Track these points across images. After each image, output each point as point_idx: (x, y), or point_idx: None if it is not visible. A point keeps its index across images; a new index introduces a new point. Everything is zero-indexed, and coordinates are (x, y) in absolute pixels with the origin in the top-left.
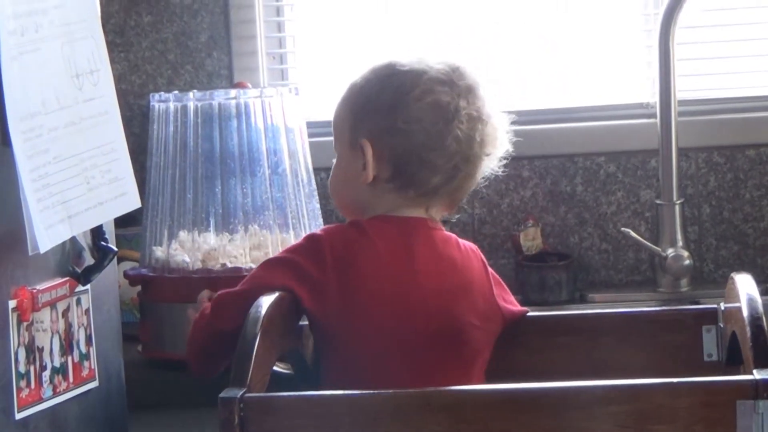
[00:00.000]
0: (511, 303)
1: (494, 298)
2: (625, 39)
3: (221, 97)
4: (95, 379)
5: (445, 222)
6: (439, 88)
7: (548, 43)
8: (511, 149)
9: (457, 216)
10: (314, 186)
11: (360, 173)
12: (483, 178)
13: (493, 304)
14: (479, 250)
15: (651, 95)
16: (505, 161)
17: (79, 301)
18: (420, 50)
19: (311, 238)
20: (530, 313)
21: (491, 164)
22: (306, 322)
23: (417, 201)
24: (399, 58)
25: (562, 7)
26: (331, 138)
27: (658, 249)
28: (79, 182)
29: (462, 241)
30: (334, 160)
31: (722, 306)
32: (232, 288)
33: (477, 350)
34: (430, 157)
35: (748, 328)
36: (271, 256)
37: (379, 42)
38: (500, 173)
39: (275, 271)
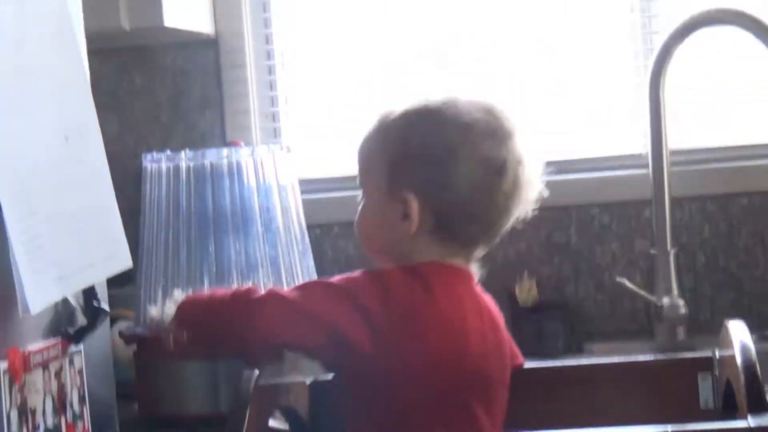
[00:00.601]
0: (516, 354)
1: (514, 352)
2: (616, 91)
3: (213, 156)
4: None
5: None
6: (488, 143)
7: (538, 96)
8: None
9: None
10: (308, 243)
11: (398, 222)
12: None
13: (512, 357)
14: None
15: (643, 146)
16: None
17: (72, 362)
18: (446, 89)
19: (376, 278)
20: (529, 365)
21: (527, 207)
22: (302, 380)
23: (460, 252)
24: (434, 101)
25: (552, 61)
26: (327, 194)
27: (654, 298)
28: (70, 242)
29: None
30: (362, 200)
31: (717, 353)
32: (280, 291)
33: (504, 406)
34: (478, 212)
35: (741, 375)
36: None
37: (371, 97)
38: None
39: (331, 302)
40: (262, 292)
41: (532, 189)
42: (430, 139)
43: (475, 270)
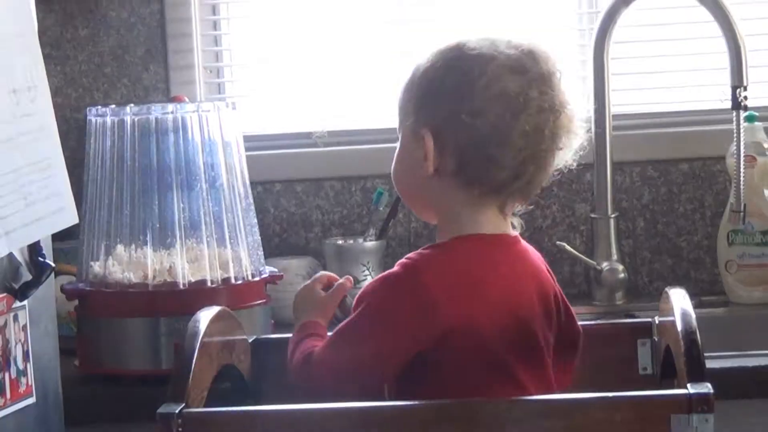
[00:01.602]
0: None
1: (570, 317)
2: (560, 54)
3: (158, 111)
4: (32, 396)
5: None
6: (509, 77)
7: None
8: (585, 141)
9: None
10: (251, 200)
11: (421, 164)
12: (556, 170)
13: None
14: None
15: (586, 110)
16: (580, 153)
17: (16, 318)
18: (492, 33)
19: (416, 295)
20: None
21: (565, 157)
22: (244, 337)
23: (486, 199)
24: (468, 40)
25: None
26: (269, 152)
27: (593, 262)
28: (16, 198)
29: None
30: (397, 146)
31: (656, 320)
32: (336, 353)
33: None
34: (495, 153)
35: (681, 343)
36: (365, 311)
37: (317, 53)
38: (574, 166)
39: (390, 338)
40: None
41: (569, 138)
42: (449, 70)
43: (515, 225)
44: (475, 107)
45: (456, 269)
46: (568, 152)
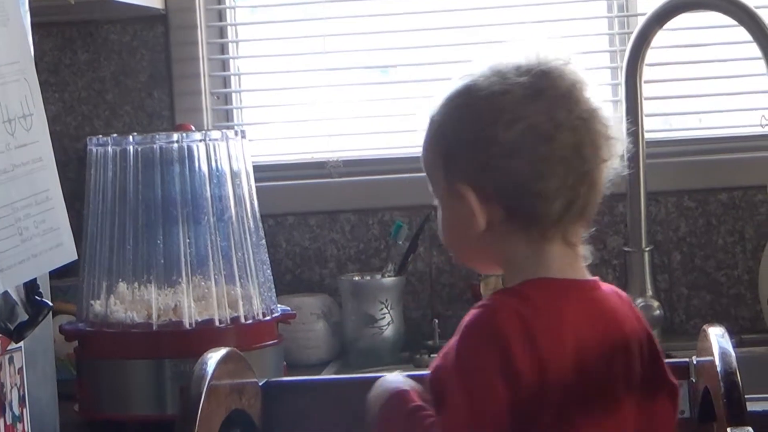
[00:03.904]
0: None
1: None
2: (591, 77)
3: (163, 140)
4: None
5: None
6: (530, 107)
7: None
8: (626, 142)
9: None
10: (262, 234)
11: (469, 221)
12: (609, 182)
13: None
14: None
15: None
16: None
17: (11, 360)
18: (494, 54)
19: (500, 347)
20: None
21: (613, 165)
22: (255, 380)
23: (547, 234)
24: (475, 78)
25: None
26: (280, 183)
27: None
28: (11, 233)
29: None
30: (438, 209)
31: (694, 360)
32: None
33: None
34: (541, 188)
35: (721, 384)
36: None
37: (331, 77)
38: (624, 172)
39: (489, 399)
40: None
41: (610, 146)
42: (465, 118)
43: (585, 255)
44: (505, 150)
45: (524, 315)
46: (615, 160)
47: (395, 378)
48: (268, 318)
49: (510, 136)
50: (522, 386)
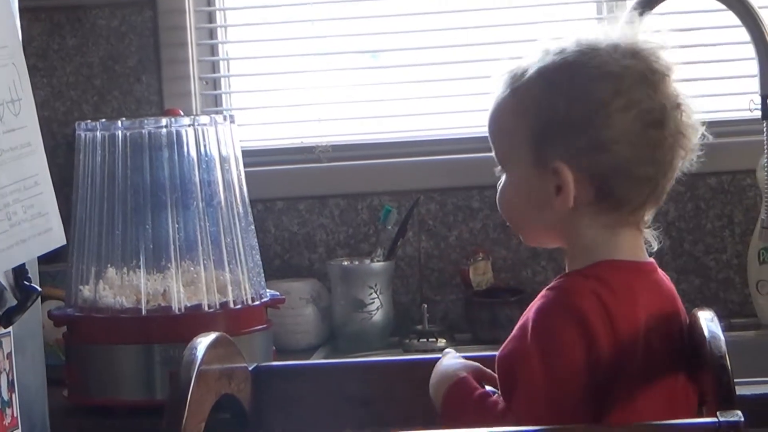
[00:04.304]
0: None
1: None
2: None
3: (151, 125)
4: (18, 428)
5: None
6: (643, 92)
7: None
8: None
9: None
10: (251, 219)
11: (551, 197)
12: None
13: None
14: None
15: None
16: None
17: (0, 345)
18: (588, 29)
19: (583, 328)
20: (482, 353)
21: (692, 155)
22: (244, 365)
23: (629, 219)
24: (570, 52)
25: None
26: (269, 168)
27: None
28: (0, 218)
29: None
30: (502, 176)
31: None
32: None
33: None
34: (641, 172)
35: (710, 368)
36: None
37: (320, 61)
38: (693, 163)
39: (571, 380)
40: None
41: (695, 133)
42: (577, 98)
43: (649, 238)
44: (616, 134)
45: (601, 296)
46: (694, 150)
47: (452, 363)
48: (257, 303)
49: (623, 120)
50: (601, 366)
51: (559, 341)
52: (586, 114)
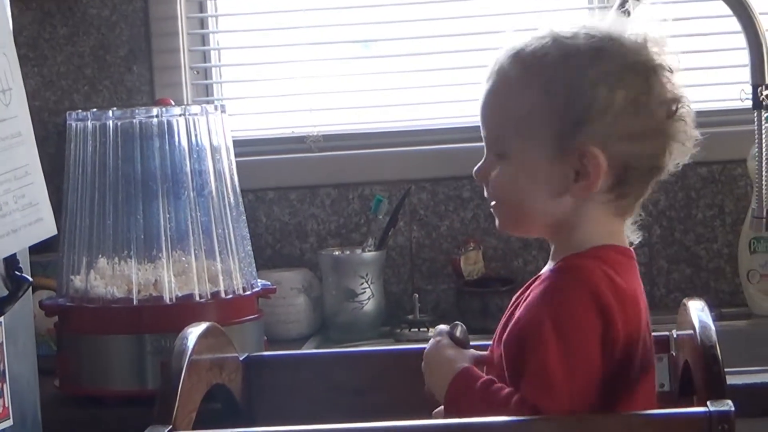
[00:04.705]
0: None
1: None
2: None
3: (142, 115)
4: (9, 418)
5: None
6: (663, 82)
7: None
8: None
9: None
10: (242, 209)
11: (568, 183)
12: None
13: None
14: None
15: None
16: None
17: None
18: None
19: (602, 313)
20: (477, 342)
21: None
22: (235, 355)
23: (627, 209)
24: (596, 34)
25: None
26: (260, 158)
27: None
28: None
29: None
30: (496, 162)
31: (674, 333)
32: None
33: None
34: (660, 163)
35: (701, 358)
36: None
37: (311, 51)
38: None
39: (588, 364)
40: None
41: (692, 126)
42: (618, 85)
43: (630, 228)
44: (652, 124)
45: (612, 277)
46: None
47: (450, 354)
48: (248, 293)
49: (658, 112)
50: (616, 350)
51: (579, 327)
52: (628, 101)
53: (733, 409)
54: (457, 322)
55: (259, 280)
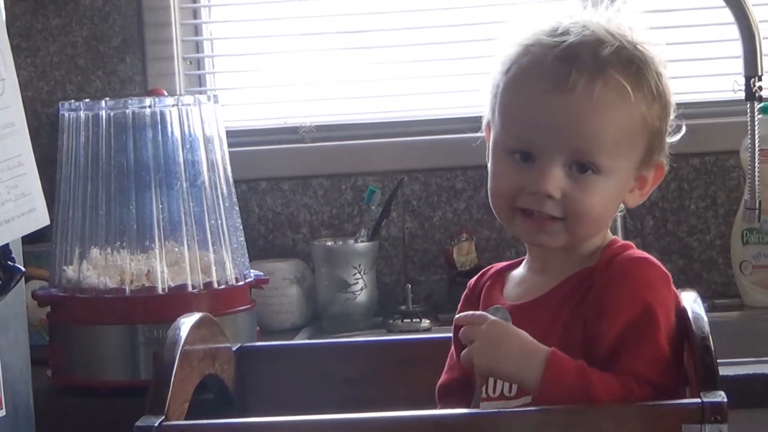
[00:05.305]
0: None
1: None
2: None
3: (135, 105)
4: (2, 408)
5: None
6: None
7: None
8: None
9: None
10: (235, 199)
11: (626, 192)
12: None
13: None
14: None
15: None
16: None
17: None
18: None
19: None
20: None
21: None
22: (228, 345)
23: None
24: (641, 39)
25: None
26: (253, 148)
27: None
28: None
29: None
30: (578, 178)
31: None
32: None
33: None
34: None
35: (694, 349)
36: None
37: (304, 42)
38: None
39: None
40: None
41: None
42: (665, 88)
43: None
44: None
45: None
46: None
47: (523, 335)
48: (241, 283)
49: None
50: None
51: (673, 306)
52: (667, 106)
53: (725, 400)
54: (498, 306)
55: (251, 271)
